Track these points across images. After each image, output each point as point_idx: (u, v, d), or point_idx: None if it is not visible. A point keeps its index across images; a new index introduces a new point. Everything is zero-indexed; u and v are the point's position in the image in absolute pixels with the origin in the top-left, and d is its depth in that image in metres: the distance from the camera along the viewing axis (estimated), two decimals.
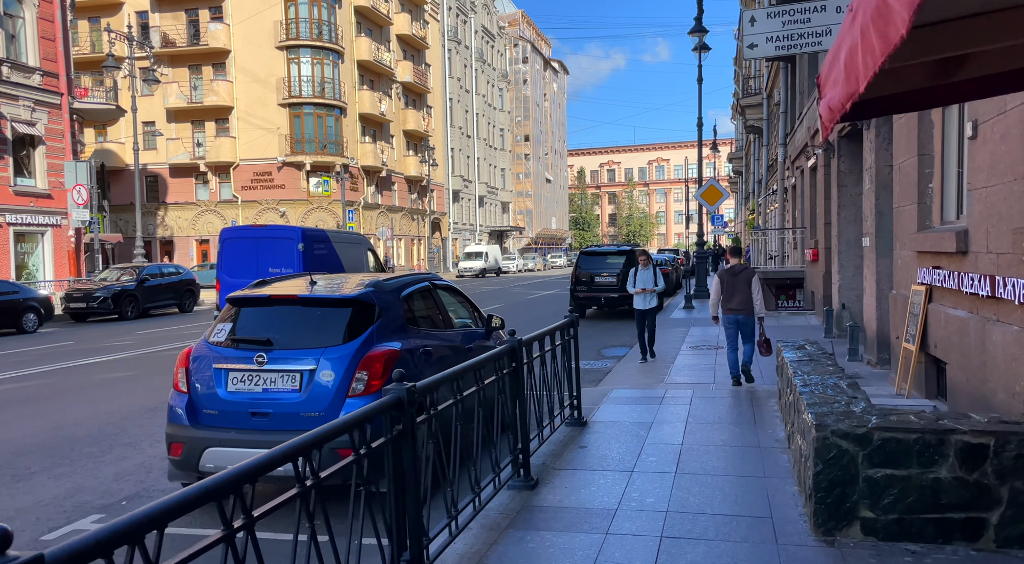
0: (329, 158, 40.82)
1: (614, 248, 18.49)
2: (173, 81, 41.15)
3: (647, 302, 10.69)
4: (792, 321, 15.51)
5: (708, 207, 19.31)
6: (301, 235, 14.78)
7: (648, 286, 10.62)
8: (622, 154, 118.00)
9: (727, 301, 8.32)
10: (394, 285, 5.24)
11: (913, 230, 7.38)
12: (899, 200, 8.03)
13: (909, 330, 7.18)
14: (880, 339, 9.31)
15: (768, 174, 30.37)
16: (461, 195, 60.32)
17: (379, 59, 45.29)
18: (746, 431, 6.06)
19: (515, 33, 76.53)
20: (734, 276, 8.34)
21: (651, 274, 10.69)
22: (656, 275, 10.72)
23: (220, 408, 4.56)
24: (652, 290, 10.62)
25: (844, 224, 12.41)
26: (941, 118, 7.05)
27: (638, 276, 10.73)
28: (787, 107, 22.21)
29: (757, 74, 33.84)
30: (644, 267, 10.80)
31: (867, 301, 9.89)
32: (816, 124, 14.31)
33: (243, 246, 15.00)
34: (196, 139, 41.77)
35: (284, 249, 14.70)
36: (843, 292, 12.42)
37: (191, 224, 42.26)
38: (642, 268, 10.80)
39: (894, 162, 8.26)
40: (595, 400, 7.70)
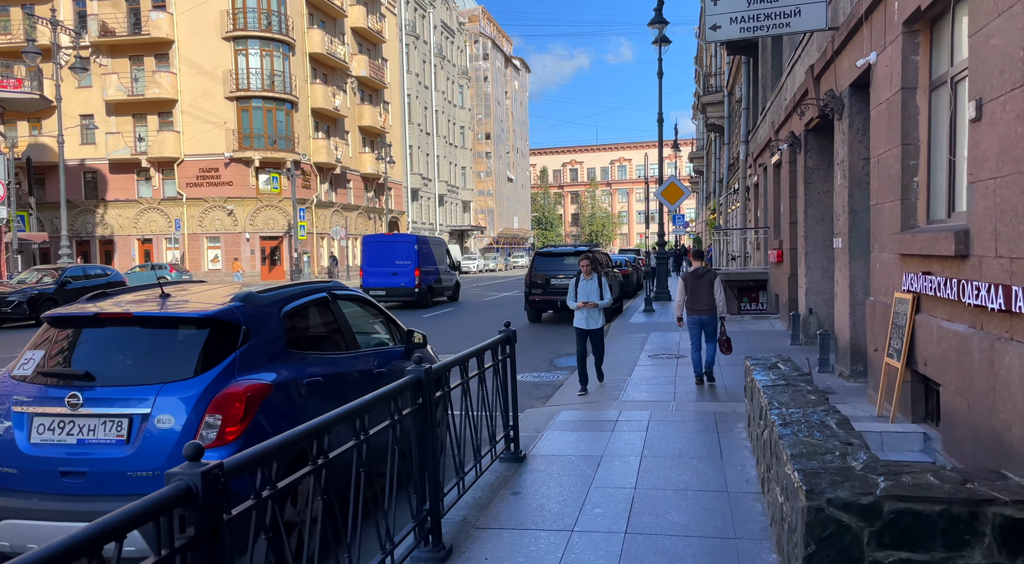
0: (279, 154, 39.20)
1: (571, 249, 17.55)
2: (112, 72, 39.11)
3: (591, 320, 8.47)
4: (756, 326, 14.76)
5: (669, 206, 18.51)
6: (416, 239, 22.56)
7: (591, 300, 8.41)
8: (584, 154, 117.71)
9: (691, 303, 8.75)
10: (272, 298, 4.14)
11: (895, 230, 6.53)
12: (877, 196, 7.20)
13: (892, 344, 6.33)
14: (855, 350, 8.50)
15: (729, 173, 29.84)
16: (420, 193, 58.97)
17: (333, 52, 43.75)
18: (711, 469, 5.10)
19: (475, 29, 75.36)
20: (697, 278, 8.79)
21: (595, 285, 8.46)
22: (602, 286, 8.47)
23: (21, 465, 3.42)
24: (596, 305, 8.45)
25: (812, 223, 11.64)
26: (928, 102, 6.21)
27: (579, 287, 8.49)
28: (749, 103, 21.58)
29: (718, 71, 33.36)
30: (587, 276, 8.51)
31: (839, 307, 9.08)
32: (780, 118, 13.58)
33: (379, 247, 22.43)
34: (137, 133, 39.74)
35: (406, 249, 22.02)
36: (810, 296, 11.66)
37: (132, 223, 40.21)
38: (584, 277, 8.52)
39: (871, 154, 7.43)
40: (539, 425, 6.69)
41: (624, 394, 8.30)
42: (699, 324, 8.68)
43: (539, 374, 10.29)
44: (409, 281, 21.68)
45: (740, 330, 14.09)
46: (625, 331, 14.81)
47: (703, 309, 8.62)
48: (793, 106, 11.95)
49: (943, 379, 5.29)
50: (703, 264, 9.01)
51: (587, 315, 8.49)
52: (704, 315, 8.63)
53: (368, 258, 22.35)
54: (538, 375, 10.22)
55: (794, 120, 12.18)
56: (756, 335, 13.30)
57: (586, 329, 8.56)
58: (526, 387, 9.34)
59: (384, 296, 21.67)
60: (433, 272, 22.89)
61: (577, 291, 8.54)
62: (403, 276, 21.74)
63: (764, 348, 11.68)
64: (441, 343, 11.78)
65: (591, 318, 8.51)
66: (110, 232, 40.43)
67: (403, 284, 21.74)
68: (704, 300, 8.62)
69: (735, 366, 10.34)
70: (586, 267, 8.54)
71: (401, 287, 21.77)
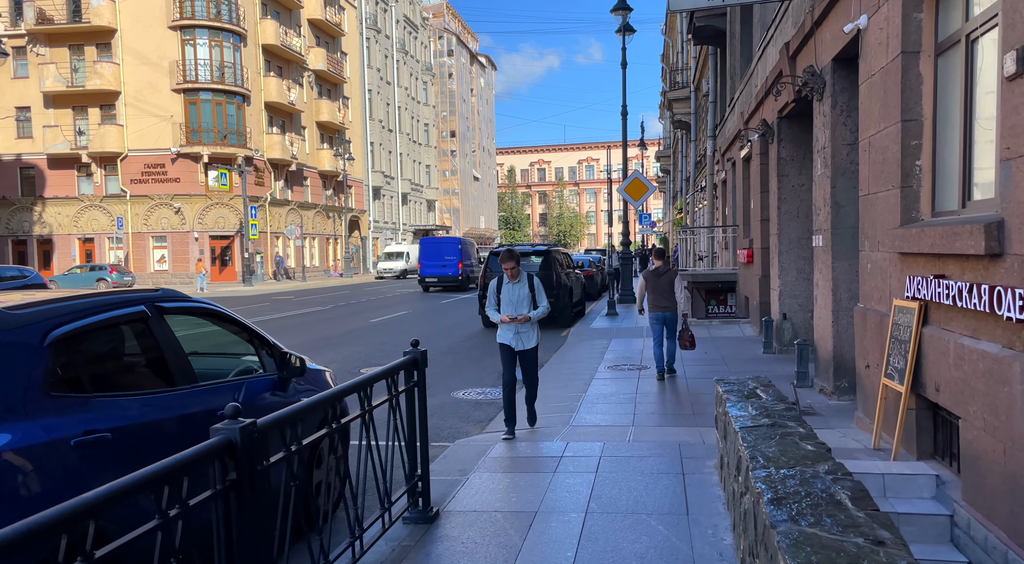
0: (230, 149, 37.38)
1: (529, 248, 16.35)
2: (51, 62, 36.91)
3: (522, 337, 6.42)
4: (725, 331, 13.72)
5: (633, 203, 17.43)
6: (460, 241, 30.90)
7: (521, 311, 6.34)
8: (552, 153, 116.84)
9: (654, 300, 8.98)
10: (29, 317, 2.82)
11: (893, 224, 5.44)
12: (868, 186, 6.11)
13: (892, 361, 5.23)
14: (839, 363, 7.43)
15: (696, 171, 29.00)
16: (382, 192, 57.33)
17: (288, 44, 42.01)
18: (675, 533, 3.92)
19: (440, 25, 73.90)
20: (658, 277, 9.02)
21: (525, 290, 6.40)
22: (535, 292, 6.47)
23: None
24: (525, 318, 6.33)
25: (786, 220, 10.60)
26: (934, 68, 5.13)
27: (503, 293, 6.40)
28: (716, 96, 20.62)
29: (684, 67, 32.57)
30: (513, 279, 6.41)
31: (820, 314, 8.02)
32: (750, 107, 12.56)
33: (432, 246, 30.74)
34: (78, 127, 37.59)
35: (452, 247, 30.31)
36: (784, 300, 10.62)
37: (73, 221, 38.02)
38: (509, 280, 6.42)
39: (861, 136, 6.35)
40: (467, 462, 5.46)
41: (576, 416, 7.11)
42: (661, 321, 8.93)
43: (484, 390, 9.06)
44: (455, 271, 29.71)
45: (708, 336, 13.04)
46: (585, 337, 13.66)
47: (666, 306, 8.92)
48: (765, 91, 10.91)
49: (964, 411, 4.19)
50: (667, 262, 9.36)
51: (516, 330, 6.40)
52: (667, 312, 8.91)
53: (424, 255, 30.43)
54: (482, 391, 8.99)
55: (766, 107, 11.14)
56: (725, 342, 12.25)
57: (516, 349, 6.44)
58: (466, 407, 8.11)
59: (436, 282, 29.86)
60: (469, 265, 30.83)
61: (500, 299, 6.40)
62: (450, 267, 29.73)
63: (734, 357, 10.62)
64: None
65: (523, 334, 6.43)
66: (49, 231, 38.19)
67: (451, 273, 29.69)
68: (666, 297, 8.92)
69: (701, 364, 9.23)
70: (511, 268, 6.31)
71: (449, 276, 29.73)
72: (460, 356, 11.85)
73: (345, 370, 10.37)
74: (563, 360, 11.13)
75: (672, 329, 8.99)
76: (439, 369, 10.57)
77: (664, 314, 8.92)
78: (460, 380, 9.79)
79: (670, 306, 8.92)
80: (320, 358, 11.79)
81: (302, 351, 12.55)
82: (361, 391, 3.48)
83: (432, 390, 9.29)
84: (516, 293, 6.41)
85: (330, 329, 16.16)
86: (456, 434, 6.88)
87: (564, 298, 15.82)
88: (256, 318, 19.23)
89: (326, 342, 13.90)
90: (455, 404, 8.22)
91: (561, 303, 15.63)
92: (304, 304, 24.10)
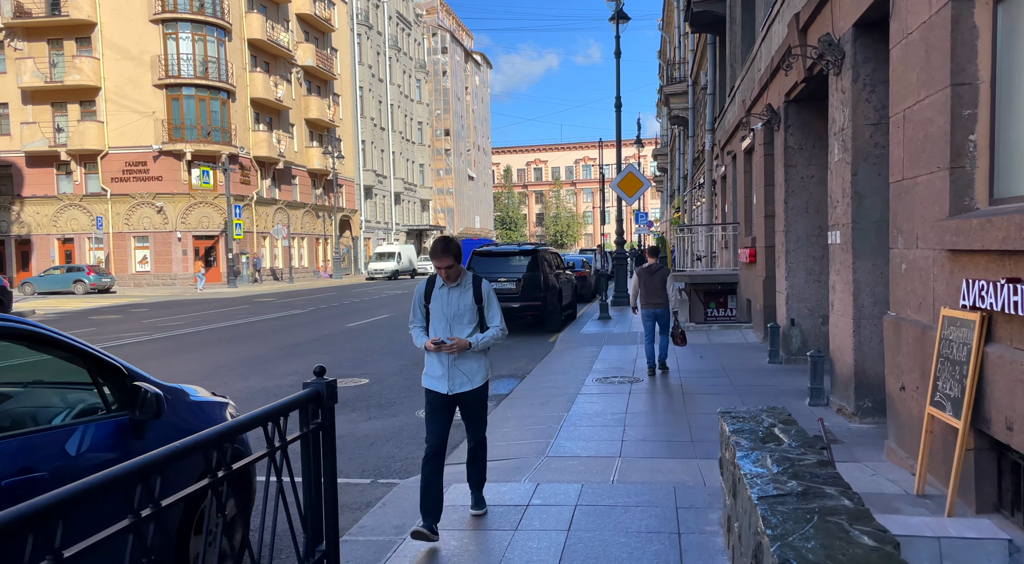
0: (214, 147, 36.28)
1: (515, 248, 15.27)
2: (29, 57, 35.77)
3: (457, 376, 4.16)
4: (725, 337, 12.66)
5: (626, 199, 16.36)
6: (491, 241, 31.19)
7: (457, 333, 4.14)
8: (549, 153, 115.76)
9: (647, 297, 9.08)
10: None
11: (939, 214, 4.39)
12: (903, 170, 5.06)
13: (941, 387, 4.17)
14: (861, 379, 6.37)
15: (694, 167, 27.96)
16: (375, 191, 56.22)
17: (275, 39, 40.92)
18: None
19: (433, 21, 72.78)
20: (651, 274, 9.13)
21: (469, 301, 4.18)
22: (485, 303, 4.22)
23: None
24: (461, 346, 4.08)
25: (793, 215, 9.55)
26: (992, 18, 4.07)
27: (433, 302, 4.20)
28: (715, 88, 19.59)
29: (681, 61, 31.56)
30: (450, 282, 4.16)
31: (837, 322, 6.96)
32: (753, 92, 11.50)
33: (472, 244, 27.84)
34: (57, 123, 36.47)
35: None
36: (792, 304, 9.57)
37: (52, 221, 36.89)
38: (443, 284, 4.19)
39: (892, 111, 5.29)
40: (409, 514, 4.39)
41: (554, 444, 6.04)
42: (653, 317, 9.08)
43: None
44: None
45: (707, 342, 11.98)
46: (574, 344, 12.59)
47: (658, 303, 9.05)
48: (771, 73, 9.86)
49: None
50: (659, 260, 9.47)
51: (450, 364, 4.13)
52: (658, 309, 9.06)
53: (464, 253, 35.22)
54: None
55: (772, 90, 10.09)
56: (726, 349, 11.19)
57: (447, 395, 4.15)
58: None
59: None
60: None
61: (429, 310, 4.19)
62: None
63: (737, 367, 9.56)
64: None
65: (461, 370, 4.14)
66: (27, 231, 37.05)
67: None
68: (656, 294, 9.03)
69: (700, 376, 8.10)
70: (448, 268, 4.07)
71: None
72: None
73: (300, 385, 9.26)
74: (548, 371, 10.07)
75: (664, 325, 9.14)
76: (408, 382, 9.49)
77: (656, 310, 9.07)
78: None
79: (662, 303, 9.06)
80: (280, 369, 10.72)
81: (263, 361, 11.44)
82: (212, 449, 2.40)
83: (396, 407, 8.24)
84: (454, 303, 4.12)
85: (302, 335, 15.08)
86: (411, 467, 5.80)
87: (553, 301, 14.75)
88: (230, 322, 18.16)
89: (292, 350, 12.81)
90: (416, 426, 7.15)
91: (550, 306, 14.57)
92: (285, 306, 23.02)
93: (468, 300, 4.21)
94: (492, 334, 4.21)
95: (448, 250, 4.06)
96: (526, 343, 13.19)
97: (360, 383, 9.50)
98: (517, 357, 11.58)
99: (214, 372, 10.53)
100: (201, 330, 16.39)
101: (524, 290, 14.31)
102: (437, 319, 4.20)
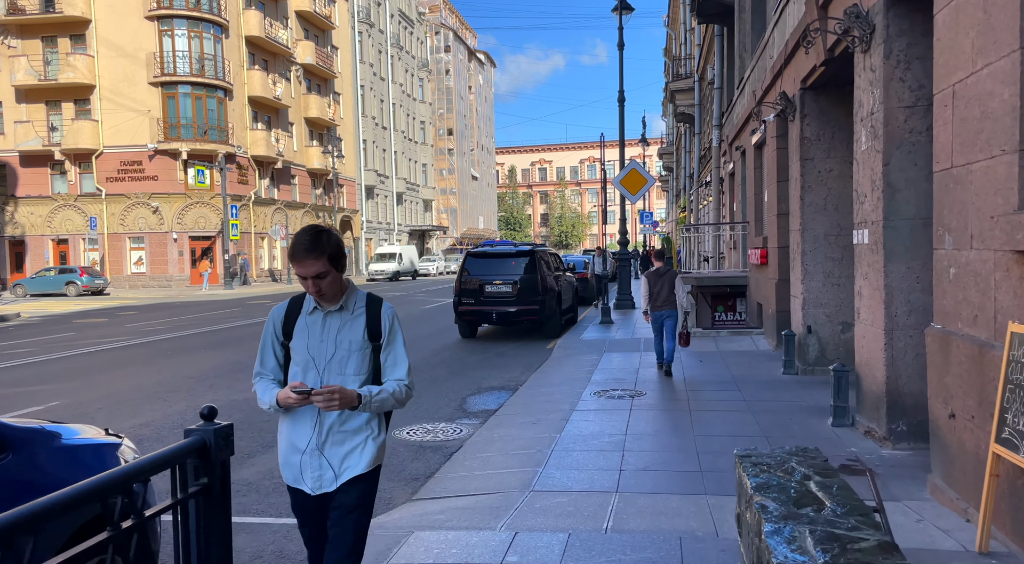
0: (210, 146, 35.59)
1: (512, 248, 14.48)
2: (22, 54, 35.17)
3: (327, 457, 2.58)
4: (734, 344, 11.84)
5: (630, 196, 15.54)
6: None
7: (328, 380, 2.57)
8: (554, 153, 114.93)
9: (654, 299, 9.21)
10: None
11: (1004, 208, 3.60)
12: (952, 155, 4.26)
13: (1013, 420, 3.37)
14: (895, 398, 5.57)
15: (701, 166, 27.14)
16: (376, 191, 55.49)
17: (273, 36, 40.24)
18: None
19: (436, 20, 72.04)
20: (659, 277, 9.25)
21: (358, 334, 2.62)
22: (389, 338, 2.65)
23: None
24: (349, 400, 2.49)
25: (810, 213, 8.74)
26: None
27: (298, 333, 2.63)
28: (722, 81, 18.80)
29: (688, 56, 30.75)
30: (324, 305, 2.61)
31: (865, 332, 6.16)
32: (765, 81, 10.70)
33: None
34: (51, 122, 35.85)
35: None
36: (809, 310, 8.76)
37: (46, 221, 36.27)
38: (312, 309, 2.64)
39: (938, 87, 4.49)
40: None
41: (541, 474, 5.26)
42: (661, 319, 9.18)
43: (435, 425, 7.21)
44: None
45: (716, 349, 11.19)
46: (573, 351, 11.81)
47: (664, 305, 9.17)
48: (785, 58, 9.06)
49: None
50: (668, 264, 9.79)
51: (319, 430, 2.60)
52: (665, 310, 9.17)
53: None
54: (432, 427, 7.14)
55: (786, 77, 9.29)
56: (736, 358, 10.39)
57: (310, 494, 2.61)
58: (403, 453, 6.26)
59: None
60: None
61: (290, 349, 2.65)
62: None
63: (749, 378, 8.76)
64: None
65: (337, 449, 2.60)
66: (21, 232, 36.44)
67: None
68: (664, 297, 9.15)
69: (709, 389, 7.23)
70: (320, 284, 2.53)
71: None
72: (422, 376, 10.01)
73: None
74: (543, 382, 9.29)
75: (672, 329, 9.21)
76: None
77: (665, 313, 9.16)
78: (411, 410, 7.95)
79: (670, 305, 9.16)
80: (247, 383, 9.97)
81: (238, 369, 10.59)
82: None
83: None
84: (330, 340, 2.60)
85: None
86: (378, 499, 5.02)
87: (552, 305, 13.96)
88: (217, 326, 17.43)
89: None
90: (391, 449, 6.37)
91: (548, 310, 13.78)
92: None
93: (357, 335, 2.57)
94: (394, 389, 2.57)
95: (316, 247, 2.46)
96: (522, 350, 12.41)
97: None
98: (511, 366, 10.80)
99: (181, 383, 9.78)
100: (184, 335, 15.66)
101: (521, 293, 13.53)
102: (301, 360, 2.58)
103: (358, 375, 2.61)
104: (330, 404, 2.45)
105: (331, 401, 2.45)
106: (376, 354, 2.64)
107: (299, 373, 2.61)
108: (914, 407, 5.47)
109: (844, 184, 8.55)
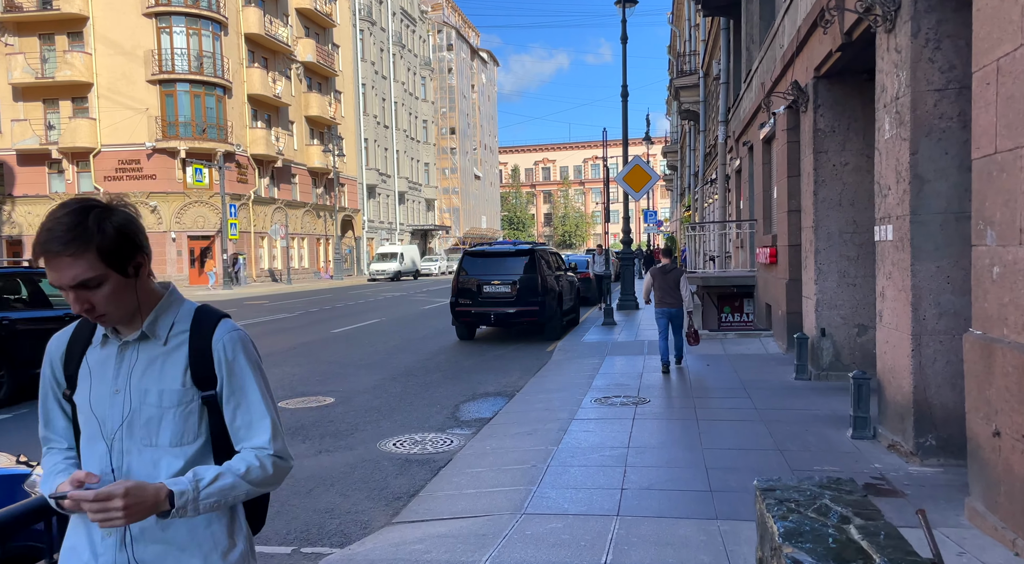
0: (209, 144, 35.20)
1: (510, 247, 14.00)
2: (19, 52, 34.80)
3: None
4: (742, 347, 11.35)
5: (633, 193, 15.04)
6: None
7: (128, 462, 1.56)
8: (557, 152, 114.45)
9: (661, 297, 9.18)
10: None
11: None
12: (995, 140, 3.78)
13: None
14: (923, 410, 5.09)
15: (706, 163, 26.63)
16: (378, 190, 55.07)
17: (273, 34, 39.83)
18: None
19: (439, 18, 71.60)
20: (665, 274, 9.19)
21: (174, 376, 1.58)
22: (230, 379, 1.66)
23: None
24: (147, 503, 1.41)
25: (824, 209, 8.25)
26: None
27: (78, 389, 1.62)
28: (729, 76, 18.29)
29: (692, 52, 30.22)
30: (123, 331, 1.61)
31: (888, 337, 5.67)
32: (775, 71, 10.21)
33: None
34: (48, 121, 35.47)
35: None
36: (823, 311, 8.27)
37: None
38: (103, 339, 1.64)
39: (978, 64, 4.00)
40: None
41: (535, 494, 4.79)
42: (667, 316, 9.18)
43: (423, 436, 6.74)
44: None
45: (723, 353, 10.70)
46: (574, 354, 11.33)
47: (671, 303, 9.16)
48: (798, 45, 8.58)
49: None
50: (673, 260, 9.64)
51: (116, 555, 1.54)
52: (672, 308, 9.16)
53: None
54: (421, 438, 6.67)
55: (798, 66, 8.80)
56: (744, 361, 9.89)
57: None
58: (388, 467, 5.79)
59: None
60: None
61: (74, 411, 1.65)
62: None
63: (759, 384, 8.27)
64: None
65: None
66: (19, 232, 36.07)
67: None
68: (670, 294, 9.15)
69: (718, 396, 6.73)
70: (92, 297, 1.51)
71: None
72: (414, 381, 9.55)
73: None
74: (541, 388, 8.81)
75: (678, 325, 9.26)
76: (379, 402, 8.27)
77: (670, 310, 9.19)
78: (400, 418, 7.49)
79: (675, 303, 9.17)
80: None
81: None
82: None
83: (356, 437, 6.85)
84: (130, 383, 1.59)
85: (280, 342, 13.88)
86: (350, 527, 4.56)
87: (552, 305, 13.49)
88: None
89: (264, 361, 11.60)
90: (375, 463, 5.90)
91: (548, 311, 13.31)
92: (275, 310, 21.87)
93: (173, 379, 1.59)
94: (248, 467, 1.58)
95: (77, 237, 1.49)
96: (521, 353, 11.94)
97: (323, 403, 8.27)
98: (509, 370, 10.33)
99: None
100: None
101: (520, 294, 13.06)
102: (88, 434, 1.61)
103: (178, 446, 1.57)
104: (107, 518, 1.39)
105: (106, 512, 1.38)
106: (213, 409, 1.61)
107: (85, 446, 1.60)
108: (945, 420, 4.99)
109: (860, 178, 8.06)
